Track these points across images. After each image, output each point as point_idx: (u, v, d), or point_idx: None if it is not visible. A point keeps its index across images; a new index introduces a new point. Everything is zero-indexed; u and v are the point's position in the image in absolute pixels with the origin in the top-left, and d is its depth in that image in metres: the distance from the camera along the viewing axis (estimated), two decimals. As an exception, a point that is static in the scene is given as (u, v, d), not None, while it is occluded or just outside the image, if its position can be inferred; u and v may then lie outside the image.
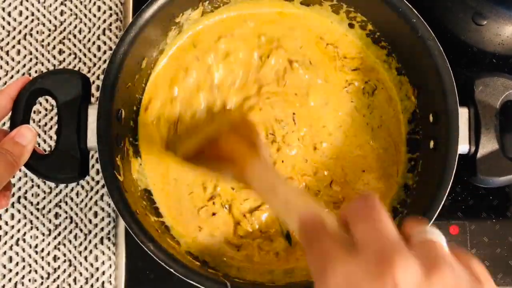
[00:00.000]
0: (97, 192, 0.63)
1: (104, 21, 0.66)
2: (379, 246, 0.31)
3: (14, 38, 0.66)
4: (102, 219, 0.62)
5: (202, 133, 0.54)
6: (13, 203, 0.62)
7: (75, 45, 0.66)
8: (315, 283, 0.32)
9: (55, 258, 0.62)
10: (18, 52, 0.66)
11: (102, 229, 0.62)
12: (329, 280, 0.31)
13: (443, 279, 0.29)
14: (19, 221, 0.62)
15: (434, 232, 0.32)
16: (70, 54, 0.66)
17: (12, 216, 0.62)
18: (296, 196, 0.40)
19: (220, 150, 0.50)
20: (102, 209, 0.62)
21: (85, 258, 0.61)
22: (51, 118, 0.64)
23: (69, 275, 0.61)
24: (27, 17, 0.66)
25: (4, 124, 0.62)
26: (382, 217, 0.32)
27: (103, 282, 0.61)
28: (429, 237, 0.32)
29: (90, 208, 0.62)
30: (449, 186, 0.49)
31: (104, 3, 0.67)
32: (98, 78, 0.65)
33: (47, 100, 0.64)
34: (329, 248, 0.32)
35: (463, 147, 0.50)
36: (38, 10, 0.66)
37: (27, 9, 0.66)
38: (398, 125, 0.58)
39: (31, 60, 0.65)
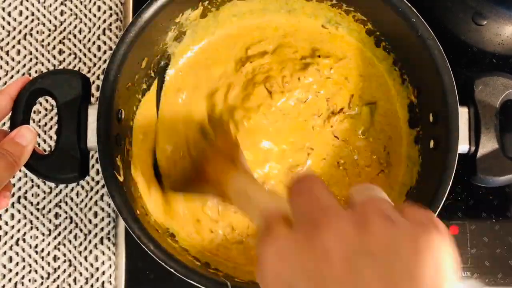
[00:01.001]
0: (97, 192, 0.63)
1: (104, 21, 0.66)
2: (309, 214, 0.29)
3: (14, 38, 0.66)
4: (102, 219, 0.62)
5: (187, 161, 0.55)
6: (13, 203, 0.62)
7: (75, 45, 0.66)
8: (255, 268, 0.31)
9: (55, 258, 0.62)
10: (18, 52, 0.66)
11: (102, 229, 0.62)
12: (263, 262, 0.30)
13: (375, 235, 0.27)
14: (19, 221, 0.62)
15: (373, 188, 0.31)
16: (70, 54, 0.66)
17: (12, 216, 0.62)
18: (262, 195, 0.41)
19: (205, 172, 0.51)
20: (102, 209, 0.62)
21: (85, 258, 0.61)
22: (51, 118, 0.64)
23: (69, 275, 0.61)
24: (27, 17, 0.66)
25: (4, 124, 0.62)
26: (316, 189, 0.31)
27: (103, 282, 0.61)
28: (369, 194, 0.30)
29: (90, 208, 0.62)
30: (449, 186, 0.49)
31: (104, 3, 0.67)
32: (98, 78, 0.65)
33: (47, 100, 0.64)
34: (273, 231, 0.31)
35: (463, 146, 0.50)
36: (38, 10, 0.66)
37: (27, 9, 0.67)
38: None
39: (31, 60, 0.65)
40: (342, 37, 0.60)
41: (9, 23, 0.66)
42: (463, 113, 0.51)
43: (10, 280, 0.61)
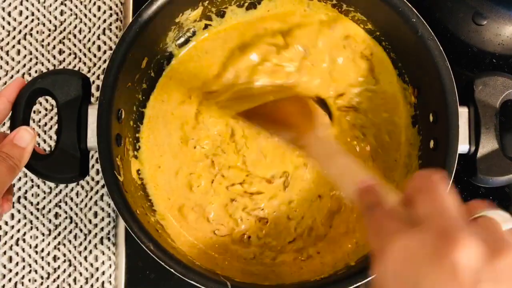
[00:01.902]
0: (97, 192, 0.63)
1: (104, 21, 0.66)
2: (441, 222, 0.29)
3: (14, 38, 0.66)
4: (102, 219, 0.62)
5: (262, 98, 0.54)
6: (13, 203, 0.62)
7: (75, 45, 0.66)
8: (373, 258, 0.31)
9: (55, 258, 0.62)
10: (18, 52, 0.66)
11: (102, 229, 0.62)
12: (387, 256, 0.30)
13: (508, 265, 0.27)
14: (19, 221, 0.62)
15: (499, 213, 0.31)
16: (70, 54, 0.66)
17: (12, 216, 0.62)
18: (355, 165, 0.40)
19: (280, 114, 0.51)
20: (102, 209, 0.62)
21: (85, 258, 0.61)
22: (51, 118, 0.64)
23: (69, 275, 0.61)
24: (27, 17, 0.66)
25: (4, 124, 0.62)
26: (445, 193, 0.31)
27: (103, 282, 0.61)
28: (492, 217, 0.30)
29: (90, 208, 0.62)
30: (449, 187, 0.49)
31: (104, 3, 0.67)
32: (98, 78, 0.65)
33: (47, 100, 0.64)
34: (389, 222, 0.31)
35: (463, 146, 0.50)
36: (38, 10, 0.66)
37: (27, 9, 0.67)
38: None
39: (31, 60, 0.65)
40: None
41: (9, 23, 0.66)
42: (463, 113, 0.51)
43: (10, 280, 0.61)
